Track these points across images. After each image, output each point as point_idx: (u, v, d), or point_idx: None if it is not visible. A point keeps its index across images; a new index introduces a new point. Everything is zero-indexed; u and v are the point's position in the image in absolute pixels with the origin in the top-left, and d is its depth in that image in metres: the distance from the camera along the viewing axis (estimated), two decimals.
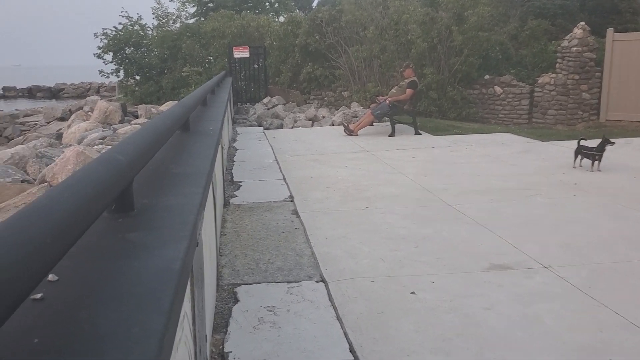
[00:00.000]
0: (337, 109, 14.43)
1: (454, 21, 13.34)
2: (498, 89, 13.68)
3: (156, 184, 2.30)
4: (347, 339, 2.98)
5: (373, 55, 14.52)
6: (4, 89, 50.16)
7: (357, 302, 3.44)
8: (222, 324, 3.21)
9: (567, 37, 12.91)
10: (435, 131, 10.88)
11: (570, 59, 12.63)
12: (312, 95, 16.31)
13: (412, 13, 13.76)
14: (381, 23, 14.60)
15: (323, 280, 3.77)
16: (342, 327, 3.12)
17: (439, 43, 13.46)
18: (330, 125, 12.47)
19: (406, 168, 7.46)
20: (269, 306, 3.39)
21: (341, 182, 6.75)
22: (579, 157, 7.27)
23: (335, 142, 9.89)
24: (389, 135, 10.47)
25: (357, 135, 10.53)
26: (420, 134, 10.60)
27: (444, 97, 13.47)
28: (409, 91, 10.55)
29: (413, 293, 3.57)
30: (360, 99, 14.40)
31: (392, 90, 11.10)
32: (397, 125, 10.72)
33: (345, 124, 11.12)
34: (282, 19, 22.67)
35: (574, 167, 7.26)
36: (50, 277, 1.27)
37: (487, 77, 13.93)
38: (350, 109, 13.78)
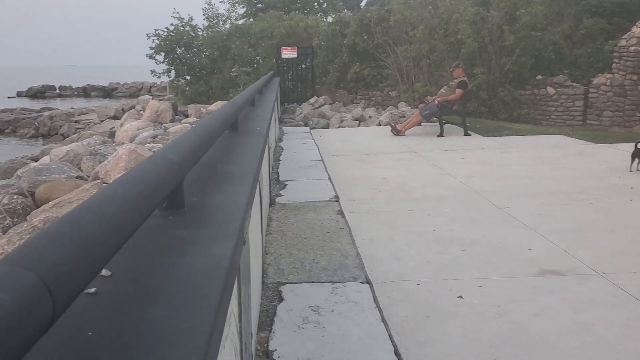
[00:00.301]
0: (385, 109, 14.34)
1: (506, 20, 13.06)
2: (551, 90, 13.32)
3: (205, 183, 2.34)
4: (392, 342, 2.96)
5: (422, 55, 14.37)
6: (60, 88, 52.11)
7: (402, 305, 3.41)
8: (267, 322, 3.24)
9: (625, 37, 12.45)
10: (485, 132, 10.68)
11: (629, 58, 12.17)
12: (359, 95, 16.27)
13: (463, 12, 13.55)
14: (431, 23, 14.44)
15: (368, 282, 3.76)
16: (387, 329, 3.10)
17: (489, 43, 13.21)
18: (377, 125, 12.41)
19: (455, 169, 7.34)
20: (313, 306, 3.40)
21: (387, 182, 6.70)
22: (637, 160, 6.99)
23: (382, 142, 9.84)
24: (437, 136, 10.34)
25: (404, 135, 10.45)
26: (470, 134, 10.42)
27: (494, 98, 13.21)
28: (458, 91, 10.39)
29: (460, 297, 3.51)
30: (408, 98, 14.28)
31: (441, 90, 10.96)
32: (446, 126, 10.57)
33: (393, 124, 11.04)
34: (330, 19, 22.71)
35: (631, 171, 6.99)
36: (104, 272, 1.31)
37: (539, 77, 13.58)
38: (397, 108, 13.68)
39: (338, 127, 12.72)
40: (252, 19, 26.20)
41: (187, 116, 16.48)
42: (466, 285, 3.69)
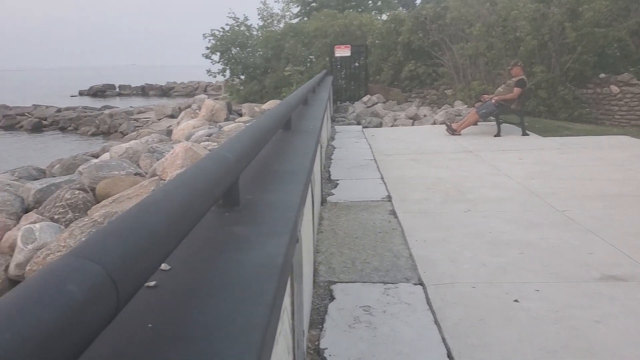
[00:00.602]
0: (440, 108, 14.15)
1: (567, 17, 12.63)
2: (615, 89, 12.79)
3: (259, 181, 2.37)
4: (444, 344, 2.92)
5: (479, 53, 14.09)
6: (120, 87, 53.91)
7: (456, 308, 3.36)
8: (317, 320, 3.25)
9: None
10: (544, 132, 10.37)
11: None
12: (414, 94, 16.11)
13: (522, 9, 13.19)
14: (488, 20, 14.14)
15: (421, 284, 3.72)
16: (440, 331, 3.06)
17: (550, 40, 12.81)
18: (431, 124, 12.26)
19: (512, 170, 7.17)
20: (364, 306, 3.40)
21: (442, 183, 6.61)
22: None
23: (436, 142, 9.71)
24: (494, 136, 10.11)
25: (460, 134, 10.27)
26: (528, 134, 10.14)
27: (554, 97, 12.81)
28: (516, 90, 10.13)
29: (516, 301, 3.43)
30: (465, 97, 14.04)
31: (499, 88, 10.71)
32: (503, 126, 10.33)
33: (448, 123, 10.87)
34: (384, 17, 22.58)
35: None
36: (163, 266, 1.35)
37: (602, 75, 13.07)
38: (453, 107, 13.47)
39: (391, 126, 12.64)
40: (306, 18, 26.36)
41: (240, 115, 16.73)
42: (522, 289, 3.59)
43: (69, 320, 0.70)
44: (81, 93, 51.64)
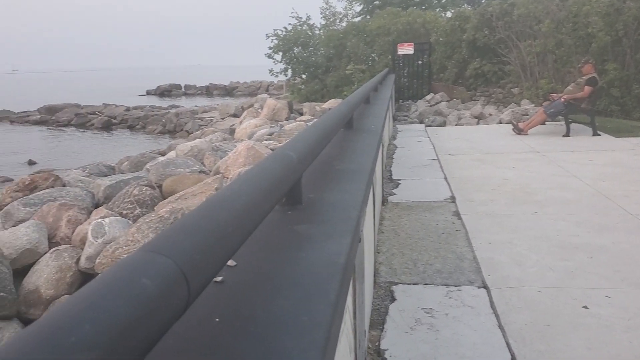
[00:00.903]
0: (506, 107, 13.77)
1: None
2: None
3: (321, 180, 2.38)
4: (509, 349, 2.84)
5: (547, 50, 13.62)
6: (185, 87, 55.46)
7: (521, 312, 3.26)
8: (378, 320, 3.24)
9: None
10: (617, 132, 9.90)
11: None
12: (479, 92, 15.75)
13: (594, 4, 12.64)
14: (558, 16, 13.63)
15: (485, 287, 3.63)
16: (504, 336, 2.98)
17: (624, 36, 12.22)
18: (497, 124, 11.95)
19: (582, 171, 6.89)
20: (426, 308, 3.35)
21: (508, 183, 6.43)
22: None
23: (502, 142, 9.45)
24: (563, 136, 9.75)
25: (527, 134, 9.96)
26: (599, 135, 9.72)
27: (627, 96, 12.21)
28: (587, 88, 9.72)
29: (585, 307, 3.29)
30: (532, 96, 13.60)
31: (568, 87, 10.31)
32: (573, 125, 9.94)
33: (515, 122, 10.56)
34: (449, 14, 22.19)
35: None
36: (230, 262, 1.38)
37: None
38: (520, 106, 13.08)
39: (455, 125, 12.41)
40: (368, 17, 26.26)
41: (301, 114, 16.87)
42: (592, 294, 3.45)
43: (143, 313, 0.73)
44: (149, 92, 53.48)
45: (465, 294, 3.54)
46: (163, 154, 12.68)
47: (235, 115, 21.22)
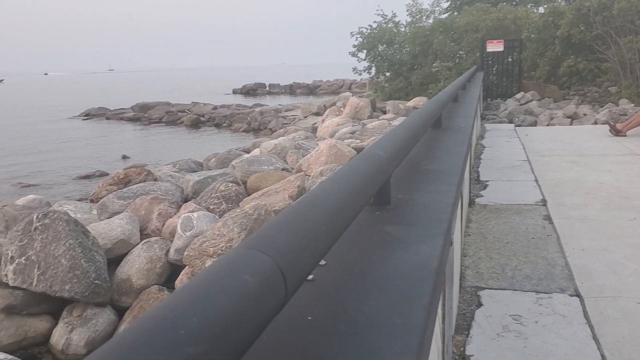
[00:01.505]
0: (602, 106, 13.03)
1: None
2: None
3: (410, 180, 2.35)
4: None
5: None
6: (269, 85, 56.59)
7: (618, 324, 3.07)
8: (463, 325, 3.16)
9: None
10: None
11: None
12: (572, 91, 14.99)
13: None
14: None
15: (578, 295, 3.45)
16: (599, 348, 2.82)
17: None
18: (592, 124, 11.33)
19: None
20: (514, 315, 3.23)
21: (603, 187, 6.08)
22: None
23: (597, 143, 8.95)
24: None
25: (625, 135, 9.37)
26: None
27: None
28: None
29: None
30: (631, 95, 12.78)
31: None
32: None
33: (612, 123, 9.96)
34: (541, 9, 21.28)
35: None
36: (320, 261, 1.38)
37: None
38: (618, 106, 12.33)
39: (547, 125, 11.89)
40: (455, 13, 25.67)
41: (384, 112, 16.75)
42: None
43: (245, 308, 0.74)
44: (235, 91, 55.06)
45: (556, 301, 3.38)
46: (248, 151, 12.99)
47: (317, 114, 21.41)
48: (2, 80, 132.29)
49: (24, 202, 8.21)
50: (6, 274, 5.43)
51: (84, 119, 31.08)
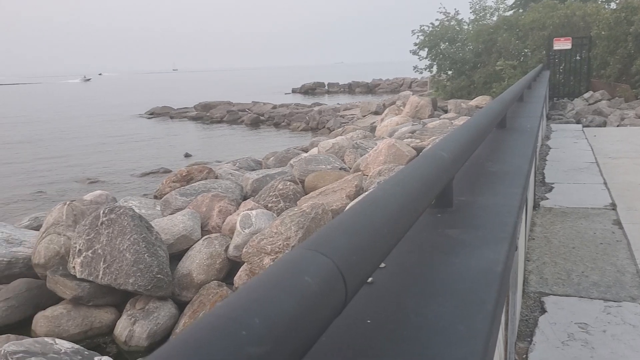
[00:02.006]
0: None
1: None
2: None
3: (472, 182, 2.29)
4: None
5: None
6: (328, 84, 56.75)
7: None
8: (526, 332, 3.06)
9: None
10: None
11: None
12: None
13: None
14: None
15: None
16: None
17: None
18: None
19: None
20: (581, 323, 3.10)
21: None
22: None
23: None
24: None
25: None
26: None
27: None
28: None
29: None
30: None
31: None
32: None
33: None
34: (613, 5, 20.37)
35: None
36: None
37: None
38: None
39: (617, 126, 11.37)
40: (521, 10, 24.95)
41: (446, 112, 16.46)
42: None
43: (306, 310, 0.73)
44: (294, 91, 55.55)
45: (626, 310, 3.22)
46: (306, 150, 13.06)
47: (376, 113, 21.28)
48: (89, 79, 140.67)
49: (91, 197, 8.56)
50: (74, 266, 5.67)
51: (149, 118, 32.15)
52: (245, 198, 8.06)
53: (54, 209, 7.05)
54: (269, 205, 7.28)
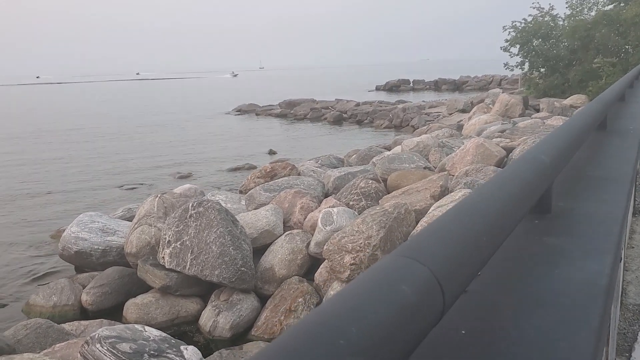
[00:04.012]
0: None
1: None
2: None
3: (571, 187, 2.16)
4: None
5: None
6: (413, 82, 56.02)
7: None
8: (624, 347, 2.87)
9: None
10: None
11: None
12: None
13: None
14: None
15: None
16: None
17: None
18: None
19: None
20: None
21: None
22: None
23: None
24: None
25: None
26: None
27: None
28: None
29: None
30: None
31: None
32: None
33: None
34: None
35: None
36: None
37: None
38: None
39: None
40: (622, 4, 23.47)
41: (537, 111, 15.78)
42: None
43: (403, 320, 0.70)
44: (377, 88, 55.27)
45: None
46: (389, 148, 12.94)
47: (463, 111, 20.78)
48: (236, 74, 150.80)
49: (181, 191, 8.92)
50: (163, 257, 5.92)
51: (236, 115, 33.10)
52: (326, 195, 8.10)
53: (146, 201, 7.41)
54: (351, 203, 7.26)
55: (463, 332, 1.05)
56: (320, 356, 0.57)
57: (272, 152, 17.70)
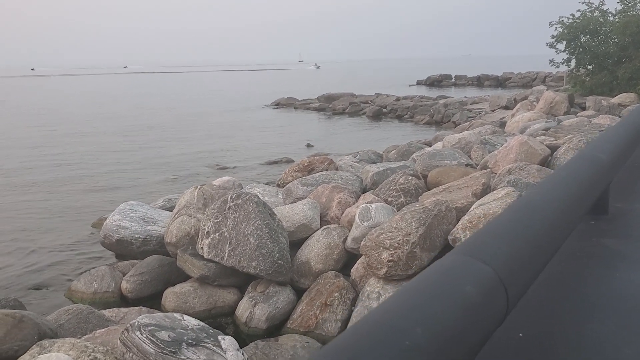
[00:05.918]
0: None
1: None
2: None
3: (629, 186, 2.07)
4: None
5: None
6: (455, 77, 55.24)
7: None
8: None
9: None
10: None
11: None
12: None
13: None
14: None
15: None
16: None
17: None
18: None
19: None
20: None
21: None
22: None
23: None
24: None
25: None
26: None
27: None
28: None
29: None
30: None
31: None
32: None
33: None
34: None
35: None
36: None
37: None
38: None
39: None
40: None
41: (583, 109, 15.33)
42: None
43: (468, 321, 0.67)
44: (418, 83, 54.71)
45: None
46: (429, 144, 12.77)
47: (506, 108, 20.37)
48: (319, 66, 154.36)
49: (220, 183, 8.99)
50: (202, 247, 5.98)
51: (274, 108, 33.25)
52: (364, 191, 8.03)
53: (186, 192, 7.49)
54: (389, 199, 7.18)
55: (521, 334, 1.01)
56: (385, 357, 0.54)
57: (309, 146, 17.71)
